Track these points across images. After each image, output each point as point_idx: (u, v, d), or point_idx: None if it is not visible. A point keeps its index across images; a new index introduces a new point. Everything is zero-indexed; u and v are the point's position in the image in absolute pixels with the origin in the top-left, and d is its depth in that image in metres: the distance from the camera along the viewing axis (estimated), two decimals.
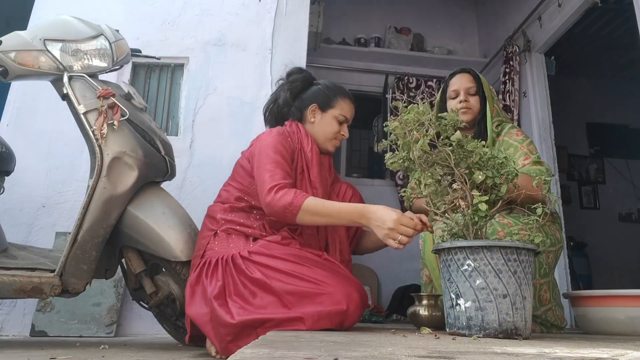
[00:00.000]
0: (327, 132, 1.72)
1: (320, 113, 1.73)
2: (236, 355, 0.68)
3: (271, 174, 1.48)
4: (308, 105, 1.74)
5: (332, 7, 4.33)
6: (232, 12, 3.00)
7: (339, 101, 1.74)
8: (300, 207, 1.40)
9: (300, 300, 1.30)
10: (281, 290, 1.32)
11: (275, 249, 1.44)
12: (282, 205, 1.41)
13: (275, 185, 1.44)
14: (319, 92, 1.76)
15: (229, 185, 1.67)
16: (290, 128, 1.71)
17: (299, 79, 1.80)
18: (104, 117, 1.66)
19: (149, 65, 2.90)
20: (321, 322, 1.26)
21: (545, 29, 3.54)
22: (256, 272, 1.37)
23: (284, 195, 1.42)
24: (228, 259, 1.44)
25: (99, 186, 1.64)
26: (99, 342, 1.90)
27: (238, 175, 1.66)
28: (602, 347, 0.94)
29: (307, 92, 1.77)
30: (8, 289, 1.59)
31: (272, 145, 1.56)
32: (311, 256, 1.43)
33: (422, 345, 0.88)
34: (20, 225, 2.49)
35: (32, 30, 1.75)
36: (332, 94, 1.75)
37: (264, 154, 1.54)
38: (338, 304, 1.28)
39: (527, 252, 1.17)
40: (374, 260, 3.86)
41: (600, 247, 4.88)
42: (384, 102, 4.32)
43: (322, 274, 1.35)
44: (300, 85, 1.79)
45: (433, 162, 1.28)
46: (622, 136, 5.45)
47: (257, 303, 1.33)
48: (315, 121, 1.73)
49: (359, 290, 1.35)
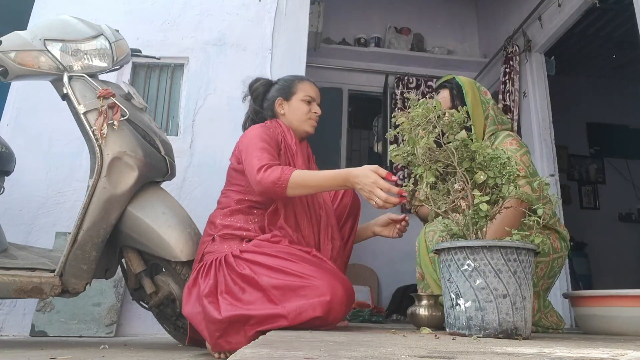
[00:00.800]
0: (299, 115, 1.80)
1: (287, 102, 1.82)
2: (236, 355, 0.68)
3: (259, 158, 1.55)
4: (274, 102, 1.83)
5: (332, 7, 4.33)
6: (232, 12, 3.00)
7: (298, 85, 1.84)
8: (288, 179, 1.48)
9: (286, 294, 1.34)
10: (267, 285, 1.36)
11: (265, 246, 1.48)
12: (271, 181, 1.48)
13: (264, 164, 1.52)
14: (279, 87, 1.87)
15: (227, 191, 1.71)
16: (271, 124, 1.78)
17: (258, 85, 1.91)
18: (104, 117, 1.66)
19: (149, 65, 2.90)
20: (304, 315, 1.28)
21: (545, 29, 3.54)
22: (245, 268, 1.42)
23: (272, 172, 1.49)
24: (221, 259, 1.49)
25: (99, 186, 1.64)
26: (99, 342, 1.90)
27: (233, 179, 1.71)
28: (602, 347, 0.94)
29: (270, 92, 1.88)
30: (8, 289, 1.59)
31: (256, 135, 1.65)
32: (299, 252, 1.46)
33: (422, 345, 0.88)
34: (20, 225, 2.49)
35: (32, 30, 1.75)
36: (290, 83, 1.86)
37: (250, 144, 1.62)
38: (322, 296, 1.30)
39: (527, 252, 1.17)
40: (374, 260, 3.87)
41: (600, 247, 4.88)
42: (383, 102, 4.32)
43: (308, 268, 1.38)
44: (261, 89, 1.90)
45: (436, 159, 1.27)
46: (622, 136, 5.45)
47: (245, 299, 1.38)
48: (285, 111, 1.82)
49: (345, 285, 1.36)
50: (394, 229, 1.75)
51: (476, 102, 1.86)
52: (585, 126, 5.52)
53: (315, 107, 1.83)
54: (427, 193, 1.29)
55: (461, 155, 1.25)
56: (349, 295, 1.36)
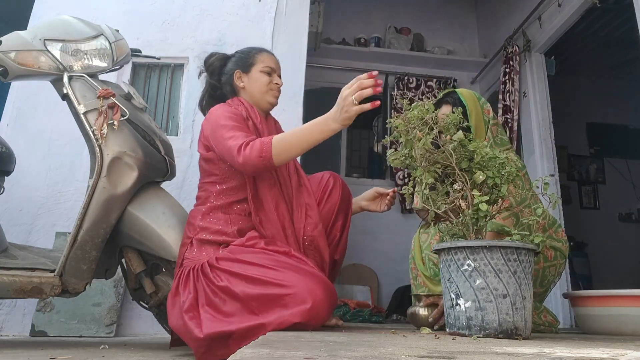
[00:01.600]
0: (260, 86, 1.73)
1: (246, 75, 1.75)
2: (236, 355, 0.68)
3: (233, 138, 1.48)
4: (232, 75, 1.77)
5: (332, 7, 4.33)
6: (232, 13, 3.00)
7: (257, 56, 1.77)
8: (271, 146, 1.43)
9: (265, 305, 1.29)
10: (245, 296, 1.32)
11: (239, 252, 1.43)
12: (255, 156, 1.42)
13: (242, 143, 1.45)
14: (236, 59, 1.79)
15: (204, 184, 1.66)
16: (232, 102, 1.72)
17: (214, 60, 1.83)
18: (104, 117, 1.66)
19: (149, 65, 2.90)
20: (285, 323, 1.25)
21: (545, 29, 3.54)
22: (222, 280, 1.37)
23: (253, 146, 1.44)
24: (198, 269, 1.44)
25: (99, 186, 1.64)
26: (99, 342, 1.90)
27: (206, 170, 1.65)
28: (602, 347, 0.94)
29: (227, 66, 1.80)
30: (8, 289, 1.59)
31: (221, 116, 1.58)
32: (276, 256, 1.40)
33: (422, 345, 0.88)
34: (20, 225, 2.49)
35: (32, 30, 1.75)
36: (247, 55, 1.79)
37: (217, 126, 1.55)
38: (302, 303, 1.26)
39: (527, 252, 1.17)
40: (374, 260, 3.87)
41: (600, 247, 4.88)
42: (383, 102, 4.32)
43: (286, 274, 1.33)
44: (217, 63, 1.82)
45: (435, 160, 1.28)
46: (622, 136, 5.45)
47: (226, 310, 1.33)
48: (245, 84, 1.75)
49: (325, 287, 1.32)
50: (381, 202, 1.71)
51: (479, 122, 1.82)
52: (585, 126, 5.52)
53: (277, 78, 1.76)
54: (427, 194, 1.29)
55: (459, 156, 1.25)
56: (330, 297, 1.33)
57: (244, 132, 1.52)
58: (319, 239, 1.56)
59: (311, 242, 1.54)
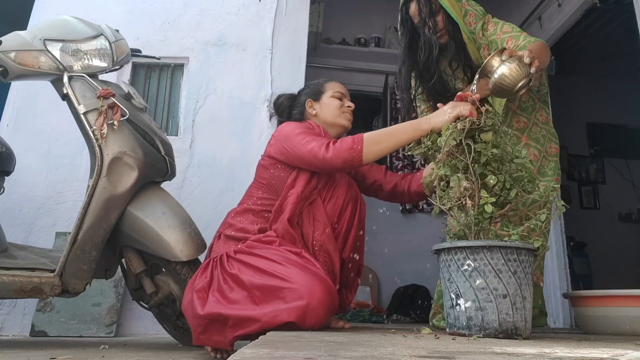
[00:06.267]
0: (332, 110, 1.77)
1: (317, 102, 1.80)
2: (236, 355, 0.68)
3: (316, 140, 1.53)
4: (304, 105, 1.81)
5: (332, 7, 4.32)
6: (232, 12, 3.00)
7: (326, 85, 1.83)
8: (362, 139, 1.47)
9: (266, 295, 1.35)
10: (250, 284, 1.38)
11: (255, 247, 1.49)
12: (346, 149, 1.47)
13: (329, 141, 1.51)
14: (306, 92, 1.86)
15: (252, 187, 1.72)
16: (305, 123, 1.72)
17: (282, 100, 1.90)
18: (104, 117, 1.66)
19: (149, 65, 2.90)
20: (277, 319, 1.28)
21: (545, 29, 3.54)
22: (234, 268, 1.45)
23: (343, 140, 1.49)
24: (217, 259, 1.52)
25: (99, 186, 1.64)
26: (99, 342, 1.90)
27: (259, 174, 1.70)
28: (602, 347, 0.94)
29: (299, 99, 1.86)
30: (8, 289, 1.59)
31: (294, 127, 1.62)
32: (286, 254, 1.45)
33: (422, 345, 0.88)
34: (20, 225, 2.49)
35: (32, 30, 1.75)
36: (317, 85, 1.85)
37: (291, 137, 1.58)
38: (299, 299, 1.29)
39: (527, 252, 1.17)
40: (374, 260, 3.87)
41: (600, 247, 4.87)
42: (383, 102, 4.32)
43: (291, 270, 1.38)
44: (286, 103, 1.88)
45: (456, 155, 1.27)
46: (622, 136, 5.44)
47: (232, 297, 1.40)
48: (317, 111, 1.79)
49: (324, 288, 1.34)
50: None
51: (452, 1, 1.81)
52: (585, 126, 5.52)
53: (348, 102, 1.80)
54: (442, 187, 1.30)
55: (478, 156, 1.24)
56: (329, 299, 1.34)
57: (320, 135, 1.58)
58: (328, 243, 1.57)
59: (321, 246, 1.56)
